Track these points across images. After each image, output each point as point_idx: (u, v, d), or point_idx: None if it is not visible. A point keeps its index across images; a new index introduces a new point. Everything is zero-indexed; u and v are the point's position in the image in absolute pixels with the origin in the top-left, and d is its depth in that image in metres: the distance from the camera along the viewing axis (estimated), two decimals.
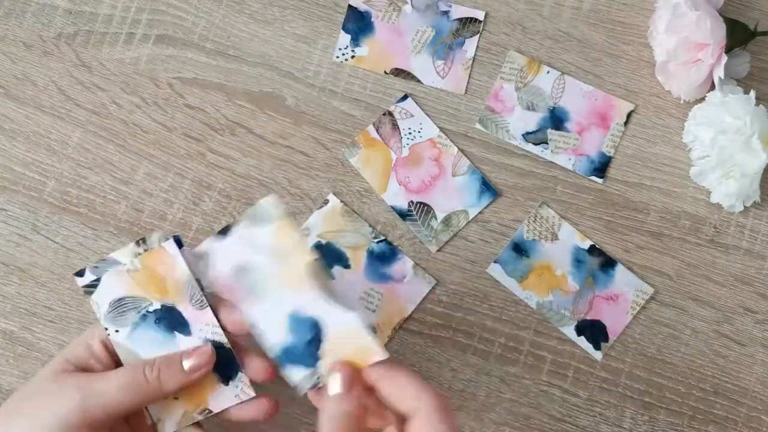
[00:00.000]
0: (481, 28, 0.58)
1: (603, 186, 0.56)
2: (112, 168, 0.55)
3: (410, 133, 0.56)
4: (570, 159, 0.56)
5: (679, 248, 0.55)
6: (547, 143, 0.56)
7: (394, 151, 0.56)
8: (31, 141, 0.56)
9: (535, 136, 0.56)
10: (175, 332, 0.44)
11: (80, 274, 0.44)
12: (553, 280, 0.54)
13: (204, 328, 0.44)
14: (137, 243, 0.44)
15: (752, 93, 0.53)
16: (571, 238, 0.55)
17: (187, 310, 0.44)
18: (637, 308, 0.54)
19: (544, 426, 0.53)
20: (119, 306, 0.44)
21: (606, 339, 0.54)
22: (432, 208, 0.55)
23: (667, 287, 0.55)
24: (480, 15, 0.58)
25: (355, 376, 0.40)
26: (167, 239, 0.44)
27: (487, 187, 0.55)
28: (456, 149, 0.56)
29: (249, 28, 0.58)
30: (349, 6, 0.58)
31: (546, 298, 0.54)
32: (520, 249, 0.55)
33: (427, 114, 0.56)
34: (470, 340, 0.54)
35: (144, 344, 0.44)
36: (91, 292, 0.44)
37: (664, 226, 0.55)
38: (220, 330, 0.44)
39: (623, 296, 0.54)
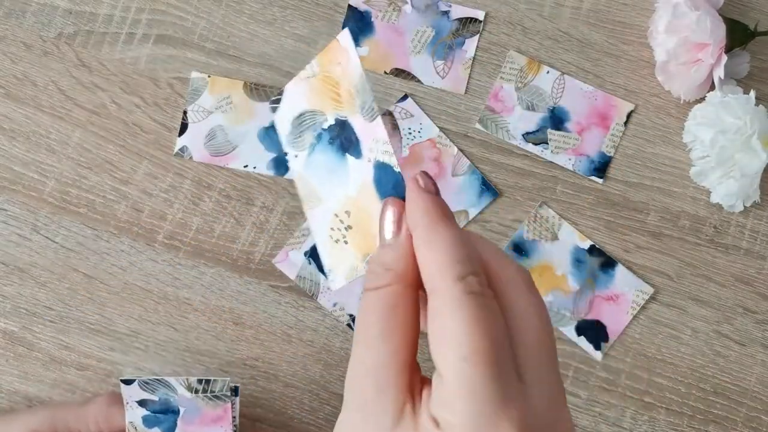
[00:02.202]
0: (481, 28, 0.58)
1: (603, 186, 0.56)
2: (112, 168, 0.55)
3: (410, 133, 0.56)
4: (570, 159, 0.56)
5: (679, 248, 0.55)
6: (547, 143, 0.56)
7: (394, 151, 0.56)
8: (31, 141, 0.56)
9: (535, 136, 0.56)
10: (346, 154, 0.34)
11: (128, 382, 0.44)
12: (553, 280, 0.54)
13: (373, 146, 0.33)
14: (199, 381, 0.44)
15: (752, 93, 0.53)
16: (571, 238, 0.55)
17: (357, 123, 0.33)
18: (637, 308, 0.54)
19: None
20: (300, 124, 0.35)
21: (606, 339, 0.54)
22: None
23: (667, 287, 0.55)
24: (480, 15, 0.58)
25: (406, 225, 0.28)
26: (234, 387, 0.44)
27: (487, 187, 0.55)
28: (456, 149, 0.56)
29: (249, 28, 0.58)
30: (349, 6, 0.58)
31: (546, 298, 0.54)
32: (520, 249, 0.55)
33: (427, 114, 0.56)
34: None
35: (318, 170, 0.34)
36: (275, 109, 0.35)
37: (664, 226, 0.55)
38: (390, 148, 0.33)
39: (623, 296, 0.54)
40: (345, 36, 0.33)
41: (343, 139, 0.34)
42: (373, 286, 0.27)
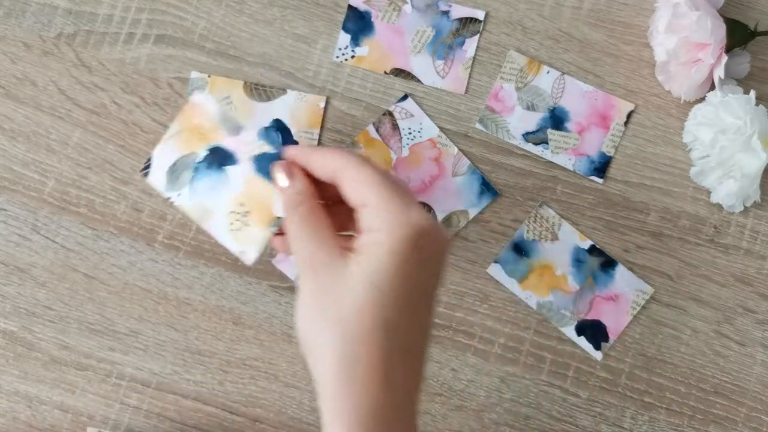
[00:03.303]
0: (481, 28, 0.58)
1: (603, 186, 0.56)
2: (112, 168, 0.55)
3: (410, 133, 0.56)
4: (570, 159, 0.56)
5: (679, 248, 0.55)
6: (547, 143, 0.56)
7: (394, 151, 0.56)
8: (31, 141, 0.56)
9: (535, 136, 0.56)
10: (224, 167, 0.46)
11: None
12: (553, 280, 0.54)
13: (246, 149, 0.46)
14: None
15: (752, 93, 0.53)
16: (571, 238, 0.55)
17: (228, 142, 0.46)
18: (637, 308, 0.54)
19: (544, 426, 0.53)
20: (174, 170, 0.47)
21: (606, 339, 0.54)
22: (432, 208, 0.55)
23: (667, 287, 0.55)
24: (480, 15, 0.58)
25: (294, 166, 0.43)
26: None
27: (487, 187, 0.55)
28: (456, 149, 0.56)
29: (249, 28, 0.58)
30: (349, 6, 0.58)
31: (546, 298, 0.54)
32: (520, 249, 0.55)
33: (427, 114, 0.56)
34: (470, 340, 0.54)
35: (203, 192, 0.46)
36: (147, 174, 0.47)
37: (664, 226, 0.55)
38: (262, 143, 0.45)
39: (623, 296, 0.54)
40: (196, 96, 0.46)
41: (219, 159, 0.46)
42: (297, 204, 0.41)
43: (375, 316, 0.36)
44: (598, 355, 0.53)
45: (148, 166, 0.48)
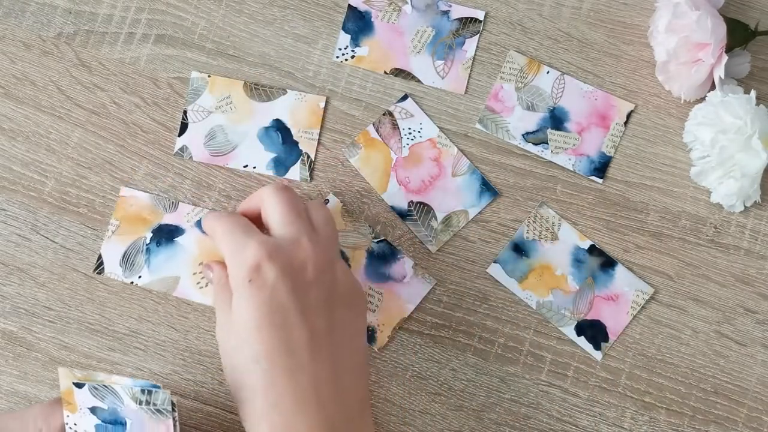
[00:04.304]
0: (481, 28, 0.58)
1: (603, 186, 0.56)
2: (112, 168, 0.55)
3: (410, 133, 0.56)
4: (570, 159, 0.56)
5: (679, 248, 0.55)
6: (547, 143, 0.56)
7: (394, 151, 0.56)
8: (30, 141, 0.56)
9: (535, 136, 0.56)
10: (174, 239, 0.53)
11: (79, 386, 0.45)
12: (553, 280, 0.54)
13: (188, 218, 0.53)
14: (142, 391, 0.45)
15: (753, 93, 0.53)
16: (571, 238, 0.55)
17: (168, 218, 0.53)
18: (637, 308, 0.54)
19: (544, 426, 0.53)
20: (127, 259, 0.53)
21: (606, 339, 0.54)
22: (432, 208, 0.55)
23: (667, 287, 0.55)
24: (480, 15, 0.58)
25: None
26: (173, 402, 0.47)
27: (487, 187, 0.55)
28: (456, 149, 0.56)
29: (249, 28, 0.58)
30: (349, 6, 0.58)
31: (546, 298, 0.54)
32: (520, 249, 0.55)
33: (427, 114, 0.56)
34: (470, 340, 0.54)
35: (162, 266, 0.53)
36: (102, 270, 0.53)
37: (664, 226, 0.55)
38: (199, 210, 0.54)
39: (623, 296, 0.54)
40: (126, 190, 0.54)
41: (166, 234, 0.53)
42: (217, 282, 0.48)
43: (245, 350, 0.42)
44: (598, 355, 0.53)
45: (100, 264, 0.53)
